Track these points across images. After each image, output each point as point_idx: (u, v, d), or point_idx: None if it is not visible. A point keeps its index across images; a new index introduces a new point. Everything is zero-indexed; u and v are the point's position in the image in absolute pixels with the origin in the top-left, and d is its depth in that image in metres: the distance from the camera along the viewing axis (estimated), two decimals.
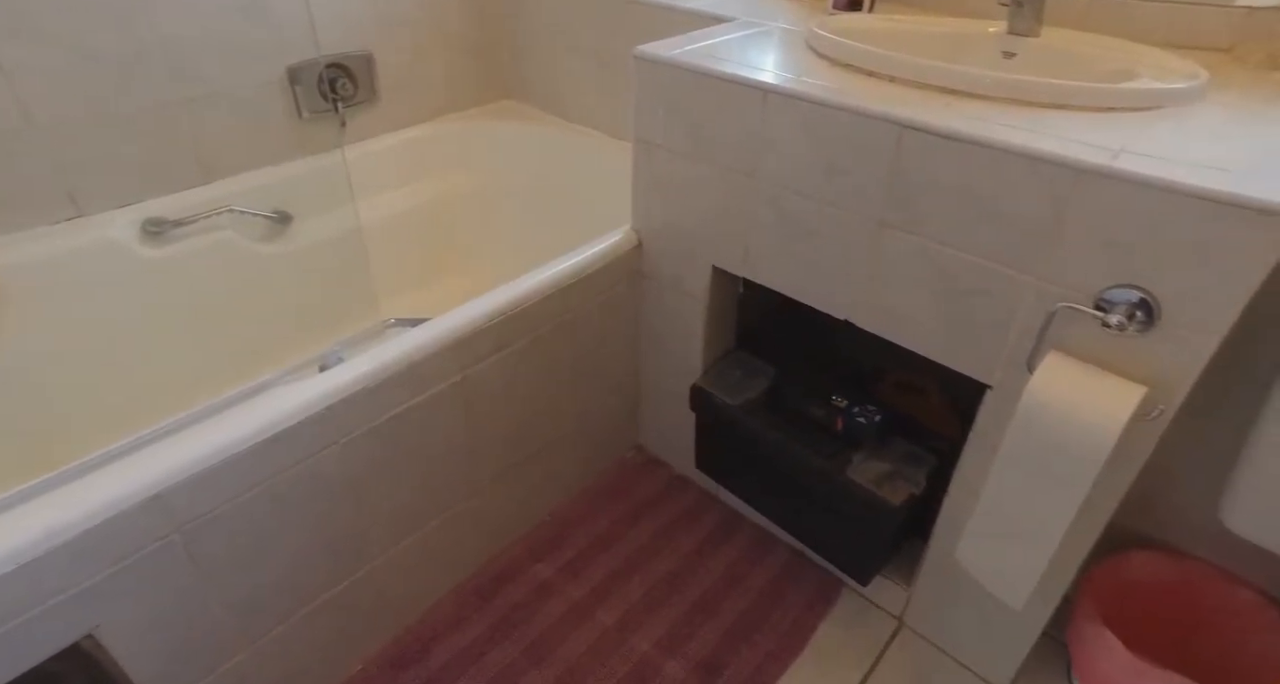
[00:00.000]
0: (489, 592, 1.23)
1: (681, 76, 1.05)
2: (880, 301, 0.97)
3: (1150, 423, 0.77)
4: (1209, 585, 1.01)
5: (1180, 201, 0.68)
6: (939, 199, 0.85)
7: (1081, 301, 0.77)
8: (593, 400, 1.36)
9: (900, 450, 1.10)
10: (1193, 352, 0.73)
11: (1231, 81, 0.92)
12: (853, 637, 1.17)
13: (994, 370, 0.89)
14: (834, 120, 0.91)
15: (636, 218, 1.26)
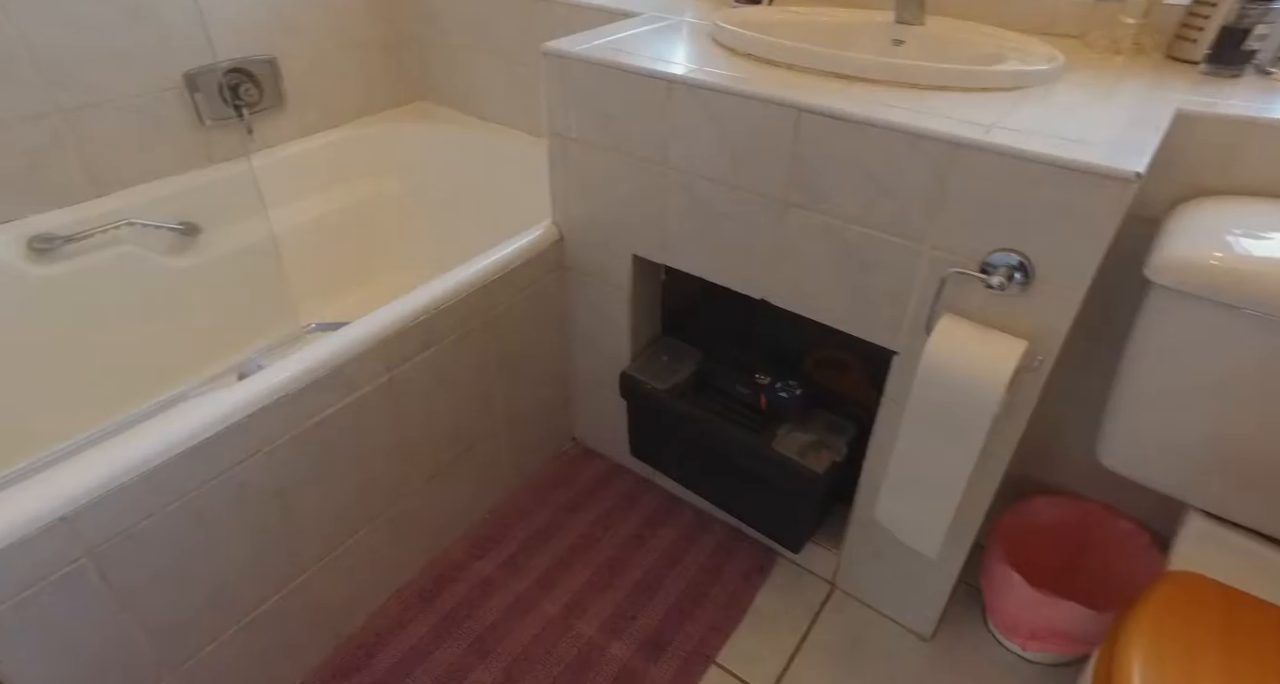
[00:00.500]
0: (431, 592, 1.23)
1: (590, 71, 1.08)
2: (791, 279, 1.02)
3: (1033, 373, 0.84)
4: (1097, 521, 1.10)
5: (1043, 170, 0.75)
6: (837, 178, 0.91)
7: (969, 266, 0.84)
8: (525, 395, 1.37)
9: (822, 421, 1.16)
10: (1063, 306, 0.80)
11: (1083, 64, 1.01)
12: (789, 603, 1.22)
13: (898, 336, 0.95)
14: (736, 107, 0.95)
15: (557, 211, 1.28)
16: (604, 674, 1.11)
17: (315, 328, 1.49)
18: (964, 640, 1.16)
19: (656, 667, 1.12)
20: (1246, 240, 0.74)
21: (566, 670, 1.11)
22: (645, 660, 1.12)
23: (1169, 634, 0.70)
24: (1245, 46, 0.90)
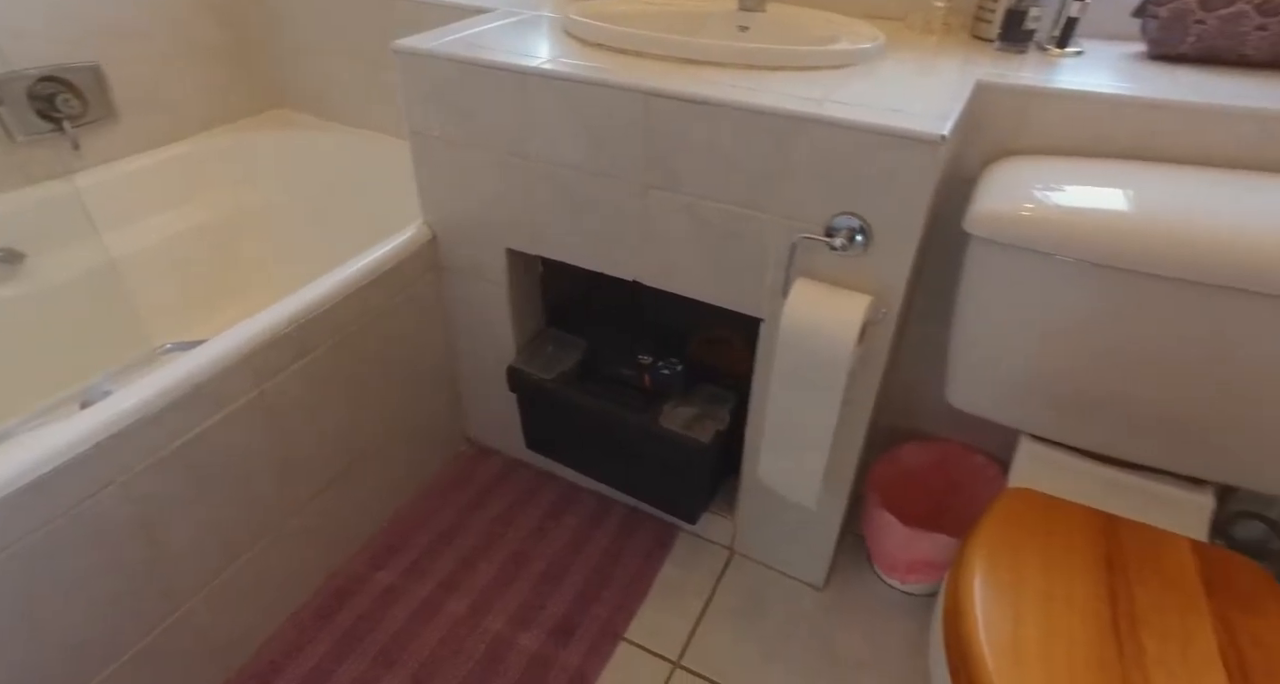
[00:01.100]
0: (330, 610, 1.19)
1: (444, 67, 1.07)
2: (658, 258, 1.06)
3: (880, 325, 0.91)
4: (957, 459, 1.21)
5: (868, 137, 0.82)
6: (690, 157, 0.95)
7: (815, 231, 0.90)
8: (413, 399, 1.34)
9: (705, 394, 1.21)
10: (899, 261, 0.87)
11: (903, 43, 1.10)
12: (691, 573, 1.26)
13: (761, 303, 1.01)
14: (589, 96, 0.98)
15: (427, 211, 1.27)
16: (514, 666, 1.11)
17: (171, 348, 1.40)
18: (852, 585, 1.24)
19: (566, 651, 1.13)
20: (1042, 193, 0.84)
21: (476, 667, 1.11)
22: (555, 647, 1.13)
23: (1001, 542, 0.78)
24: (1025, 26, 1.01)
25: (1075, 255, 0.79)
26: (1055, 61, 1.02)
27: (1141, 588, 0.73)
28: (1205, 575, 0.75)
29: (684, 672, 1.12)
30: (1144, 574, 0.75)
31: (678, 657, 1.14)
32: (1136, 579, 0.74)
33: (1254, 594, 0.73)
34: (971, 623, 0.70)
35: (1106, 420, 0.88)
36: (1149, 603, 0.72)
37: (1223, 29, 0.91)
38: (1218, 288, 0.74)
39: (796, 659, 1.13)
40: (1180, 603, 0.72)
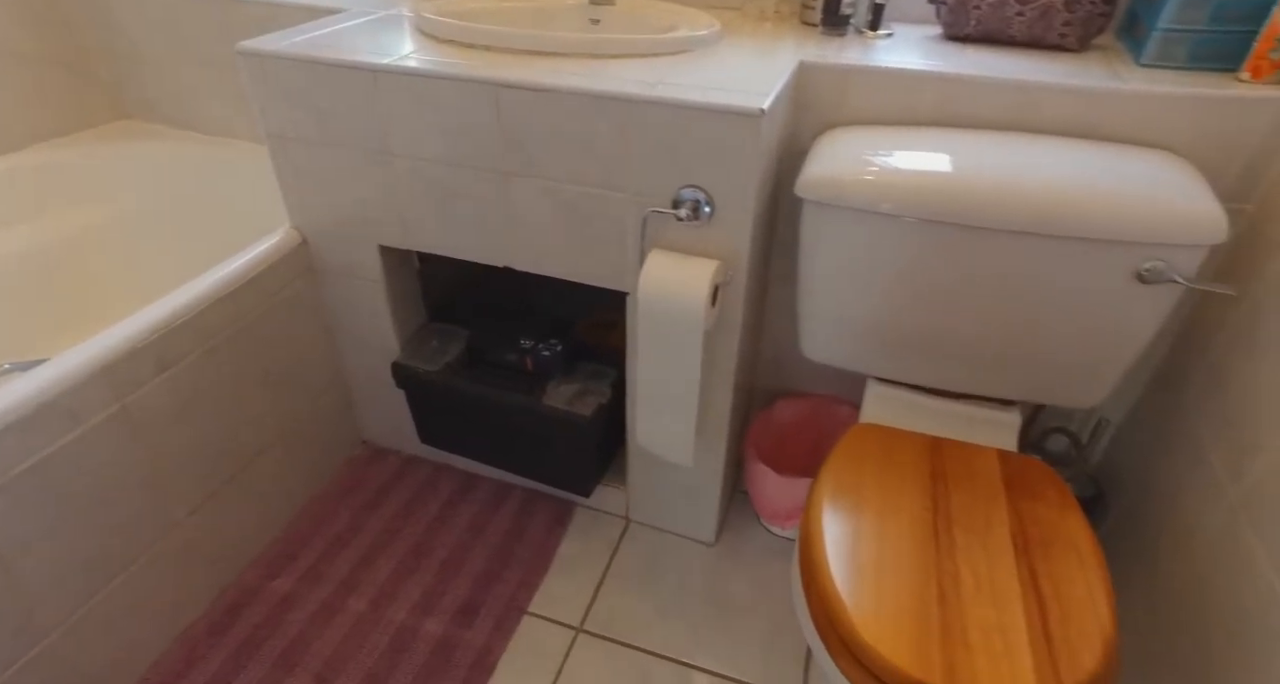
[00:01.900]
0: (224, 624, 1.16)
1: (293, 67, 1.08)
2: (526, 243, 1.10)
3: (731, 288, 0.99)
4: (825, 411, 1.32)
5: (700, 115, 0.89)
6: (543, 144, 1.00)
7: (663, 205, 0.97)
8: (299, 404, 1.33)
9: (587, 371, 1.26)
10: (740, 227, 0.95)
11: (740, 31, 1.19)
12: (589, 545, 1.31)
13: (625, 278, 1.07)
14: (441, 90, 1.01)
15: (294, 215, 1.26)
16: (420, 651, 1.13)
17: (10, 368, 1.32)
18: (741, 538, 1.33)
19: (472, 631, 1.16)
20: (858, 159, 0.94)
21: (381, 658, 1.12)
22: (460, 628, 1.16)
23: (845, 472, 0.87)
24: (842, 12, 1.12)
25: (888, 211, 0.89)
26: (870, 43, 1.13)
27: (957, 493, 0.84)
28: (1005, 477, 0.87)
29: (587, 635, 1.17)
30: (959, 482, 0.86)
31: (580, 623, 1.19)
32: (954, 487, 0.85)
33: (1039, 485, 0.85)
34: (818, 544, 0.79)
35: (931, 357, 0.99)
36: (961, 505, 0.82)
37: (993, 14, 1.04)
38: (1004, 232, 0.85)
39: (691, 611, 1.20)
40: (985, 501, 0.83)
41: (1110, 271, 0.84)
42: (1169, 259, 0.81)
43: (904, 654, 0.67)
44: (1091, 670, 0.65)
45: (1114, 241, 0.82)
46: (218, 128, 1.62)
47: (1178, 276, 0.81)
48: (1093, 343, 0.90)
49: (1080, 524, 0.81)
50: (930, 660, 0.66)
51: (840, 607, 0.72)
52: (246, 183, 1.54)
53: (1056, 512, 0.82)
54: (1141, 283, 0.83)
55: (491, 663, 1.12)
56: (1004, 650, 0.67)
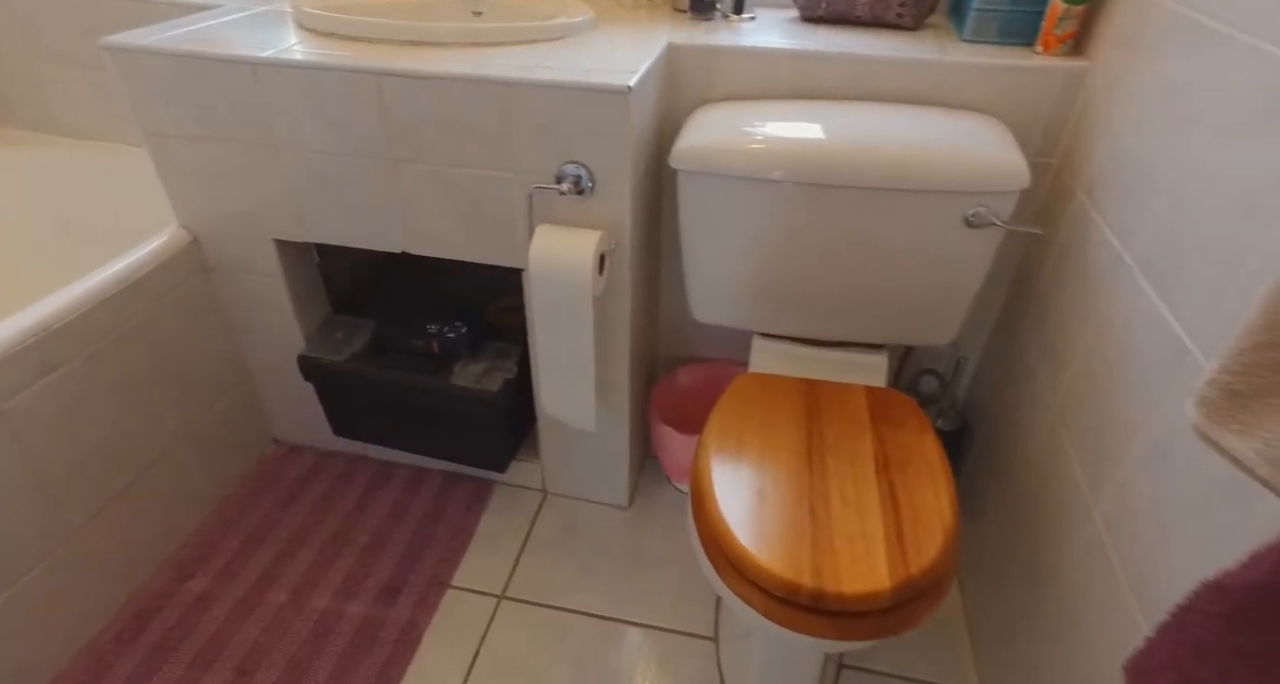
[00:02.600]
0: (133, 631, 1.15)
1: (167, 63, 1.07)
2: (421, 228, 1.14)
3: (616, 255, 1.06)
4: (724, 374, 1.40)
5: (573, 94, 0.95)
6: (428, 130, 1.04)
7: (546, 181, 1.02)
8: (201, 406, 1.32)
9: (493, 351, 1.30)
10: (619, 199, 1.02)
11: (616, 18, 1.26)
12: (508, 519, 1.36)
13: (518, 254, 1.12)
14: (324, 81, 1.03)
15: (181, 214, 1.25)
16: (344, 634, 1.15)
17: None
18: (654, 499, 1.40)
19: (395, 608, 1.19)
20: (723, 130, 1.02)
21: (304, 645, 1.13)
22: (383, 607, 1.19)
23: (731, 414, 0.95)
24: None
25: (753, 175, 0.98)
26: (735, 26, 1.22)
27: (829, 426, 0.93)
28: (871, 409, 0.97)
29: (509, 601, 1.21)
30: (831, 417, 0.95)
31: (502, 591, 1.23)
32: (826, 421, 0.94)
33: (900, 415, 0.96)
34: (705, 479, 0.86)
35: (805, 310, 1.08)
36: (833, 435, 0.92)
37: None
38: (855, 189, 0.95)
39: (609, 569, 1.27)
40: (853, 431, 0.93)
41: (944, 219, 0.95)
42: (988, 205, 0.92)
43: (778, 563, 0.75)
44: (934, 556, 0.75)
45: (944, 192, 0.93)
46: (85, 131, 1.57)
47: (996, 219, 0.92)
48: (938, 285, 1.01)
49: (934, 444, 0.91)
50: (801, 565, 0.75)
51: (725, 530, 0.79)
52: (125, 187, 1.50)
53: (914, 435, 0.93)
54: (969, 227, 0.94)
55: (417, 636, 1.15)
56: (864, 551, 0.76)
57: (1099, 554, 0.78)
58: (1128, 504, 0.73)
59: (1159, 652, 0.38)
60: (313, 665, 1.10)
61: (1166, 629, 0.38)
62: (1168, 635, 0.39)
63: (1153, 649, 0.39)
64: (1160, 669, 0.38)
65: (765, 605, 0.75)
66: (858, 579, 0.73)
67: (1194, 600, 0.37)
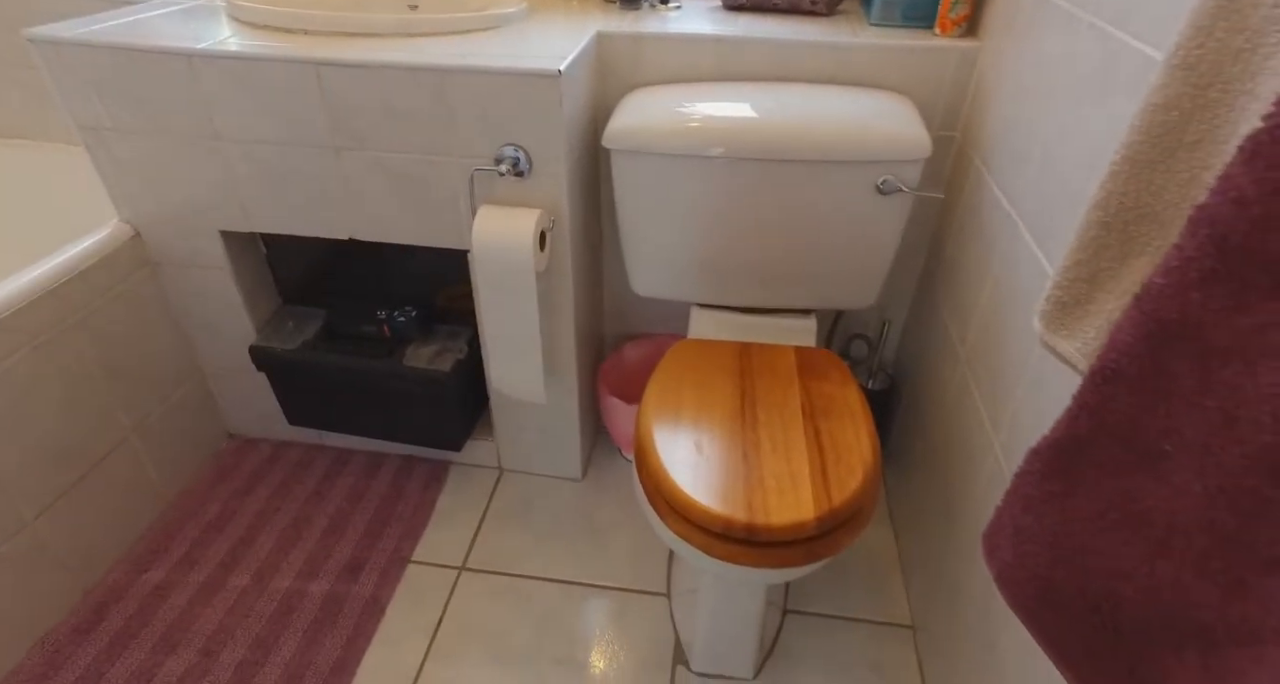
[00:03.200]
0: (90, 622, 1.16)
1: (98, 56, 1.08)
2: (366, 214, 1.17)
3: (556, 232, 1.11)
4: (666, 346, 1.47)
5: (507, 79, 1.00)
6: (368, 117, 1.07)
7: (486, 163, 1.07)
8: (152, 400, 1.32)
9: (443, 333, 1.34)
10: (557, 178, 1.08)
11: (549, 8, 1.31)
12: (466, 496, 1.40)
13: (462, 236, 1.16)
14: (264, 72, 1.06)
15: (122, 209, 1.25)
16: (308, 610, 1.18)
17: None
18: (606, 471, 1.46)
19: (358, 584, 1.22)
20: (650, 111, 1.08)
21: (269, 624, 1.16)
22: (346, 584, 1.22)
23: (670, 376, 1.02)
24: None
25: (683, 152, 1.04)
26: (662, 14, 1.28)
27: (760, 381, 1.01)
28: (799, 365, 1.04)
29: (470, 572, 1.26)
30: (763, 374, 1.02)
31: (462, 562, 1.28)
32: (758, 377, 1.02)
33: (825, 369, 1.04)
34: (647, 434, 0.92)
35: (737, 280, 1.16)
36: (764, 389, 0.99)
37: None
38: (777, 161, 1.02)
39: (565, 536, 1.32)
40: (782, 384, 1.00)
41: (859, 187, 1.03)
42: (896, 173, 1.01)
43: (715, 503, 0.82)
44: (854, 489, 0.83)
45: (857, 162, 1.01)
46: (13, 129, 1.54)
47: (904, 186, 1.01)
48: (857, 250, 1.10)
49: (856, 393, 1.00)
50: (735, 503, 0.81)
51: (666, 479, 0.86)
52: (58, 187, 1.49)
53: (838, 386, 1.01)
54: (881, 194, 1.03)
55: (380, 609, 1.19)
56: (791, 488, 0.84)
57: (998, 480, 0.87)
58: (1017, 433, 0.82)
59: (1002, 515, 0.46)
60: (279, 641, 1.13)
61: (1006, 496, 0.46)
62: (1006, 500, 0.46)
63: (998, 515, 0.47)
64: (1001, 529, 0.45)
65: (705, 542, 0.82)
66: (785, 512, 0.80)
67: (1021, 466, 0.44)
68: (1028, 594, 0.43)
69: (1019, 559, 0.44)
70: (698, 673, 1.11)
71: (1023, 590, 0.43)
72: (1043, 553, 0.42)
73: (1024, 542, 0.44)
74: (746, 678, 1.11)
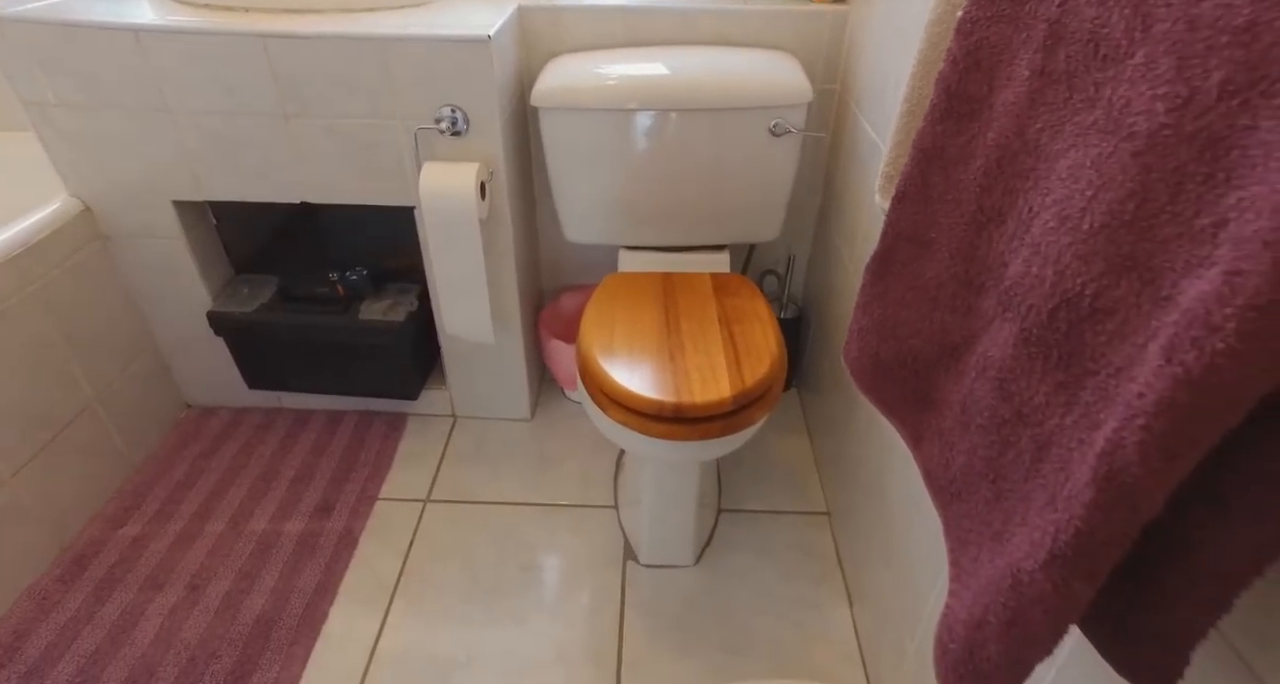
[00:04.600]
0: (74, 573, 1.22)
1: (40, 32, 1.14)
2: (316, 178, 1.27)
3: (494, 184, 1.24)
4: None
5: (442, 46, 1.13)
6: (315, 86, 1.17)
7: (428, 123, 1.19)
8: (112, 371, 1.38)
9: (394, 290, 1.45)
10: (492, 134, 1.21)
11: None
12: (424, 441, 1.52)
13: (408, 193, 1.28)
14: (210, 46, 1.15)
15: (71, 183, 1.31)
16: (286, 546, 1.27)
17: None
18: (551, 410, 1.60)
19: (330, 521, 1.32)
20: (576, 73, 1.22)
21: (250, 559, 1.25)
22: (320, 521, 1.32)
23: (603, 301, 1.17)
24: None
25: (600, 107, 1.19)
26: None
27: (682, 300, 1.17)
28: (715, 287, 1.21)
29: (434, 503, 1.38)
30: (684, 294, 1.19)
31: (426, 496, 1.39)
32: (680, 298, 1.18)
33: (738, 288, 1.21)
34: (586, 344, 1.07)
35: (656, 222, 1.31)
36: (685, 306, 1.15)
37: None
38: (684, 111, 1.18)
39: (518, 468, 1.46)
40: (700, 301, 1.16)
41: (754, 130, 1.20)
42: (784, 117, 1.18)
43: (648, 390, 0.97)
44: (762, 374, 1.00)
45: (751, 108, 1.18)
46: None
47: (792, 128, 1.19)
48: (758, 188, 1.27)
49: (763, 304, 1.17)
50: (665, 390, 0.97)
51: (605, 377, 1.00)
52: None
53: (748, 300, 1.17)
54: (774, 136, 1.20)
55: (354, 539, 1.29)
56: (711, 376, 1.00)
57: None
58: None
59: (850, 327, 0.62)
60: (261, 573, 1.22)
61: (853, 311, 0.62)
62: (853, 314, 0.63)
63: (849, 330, 0.63)
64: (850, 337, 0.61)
65: (643, 425, 0.97)
66: (707, 392, 0.96)
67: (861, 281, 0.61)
68: (868, 372, 0.59)
69: (861, 350, 0.60)
70: (645, 564, 1.27)
71: (865, 371, 0.60)
72: (874, 338, 0.58)
73: (863, 337, 0.60)
74: (688, 564, 1.27)
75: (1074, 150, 0.38)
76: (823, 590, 1.24)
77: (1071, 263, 0.37)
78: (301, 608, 1.17)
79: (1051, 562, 0.34)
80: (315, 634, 1.14)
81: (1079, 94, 0.38)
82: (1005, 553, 0.40)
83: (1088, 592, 0.34)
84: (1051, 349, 0.39)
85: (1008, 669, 0.39)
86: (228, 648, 1.11)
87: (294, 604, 1.18)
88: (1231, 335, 0.26)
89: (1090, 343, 0.36)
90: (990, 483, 0.44)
